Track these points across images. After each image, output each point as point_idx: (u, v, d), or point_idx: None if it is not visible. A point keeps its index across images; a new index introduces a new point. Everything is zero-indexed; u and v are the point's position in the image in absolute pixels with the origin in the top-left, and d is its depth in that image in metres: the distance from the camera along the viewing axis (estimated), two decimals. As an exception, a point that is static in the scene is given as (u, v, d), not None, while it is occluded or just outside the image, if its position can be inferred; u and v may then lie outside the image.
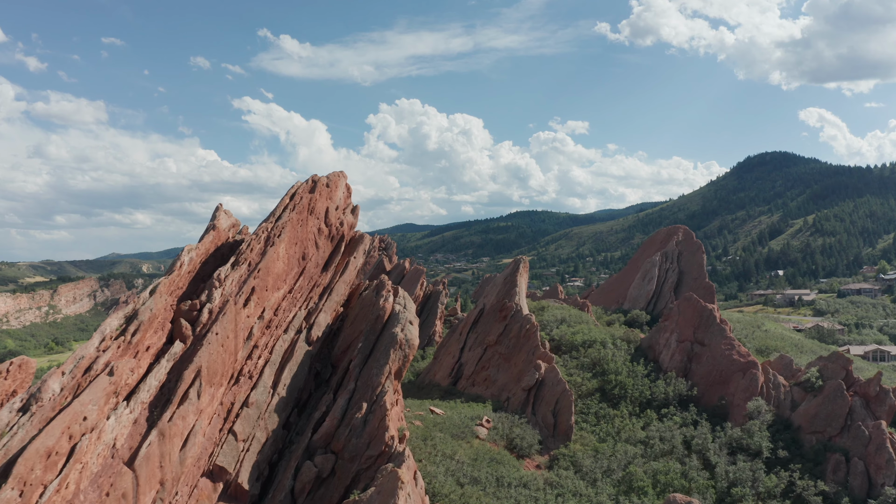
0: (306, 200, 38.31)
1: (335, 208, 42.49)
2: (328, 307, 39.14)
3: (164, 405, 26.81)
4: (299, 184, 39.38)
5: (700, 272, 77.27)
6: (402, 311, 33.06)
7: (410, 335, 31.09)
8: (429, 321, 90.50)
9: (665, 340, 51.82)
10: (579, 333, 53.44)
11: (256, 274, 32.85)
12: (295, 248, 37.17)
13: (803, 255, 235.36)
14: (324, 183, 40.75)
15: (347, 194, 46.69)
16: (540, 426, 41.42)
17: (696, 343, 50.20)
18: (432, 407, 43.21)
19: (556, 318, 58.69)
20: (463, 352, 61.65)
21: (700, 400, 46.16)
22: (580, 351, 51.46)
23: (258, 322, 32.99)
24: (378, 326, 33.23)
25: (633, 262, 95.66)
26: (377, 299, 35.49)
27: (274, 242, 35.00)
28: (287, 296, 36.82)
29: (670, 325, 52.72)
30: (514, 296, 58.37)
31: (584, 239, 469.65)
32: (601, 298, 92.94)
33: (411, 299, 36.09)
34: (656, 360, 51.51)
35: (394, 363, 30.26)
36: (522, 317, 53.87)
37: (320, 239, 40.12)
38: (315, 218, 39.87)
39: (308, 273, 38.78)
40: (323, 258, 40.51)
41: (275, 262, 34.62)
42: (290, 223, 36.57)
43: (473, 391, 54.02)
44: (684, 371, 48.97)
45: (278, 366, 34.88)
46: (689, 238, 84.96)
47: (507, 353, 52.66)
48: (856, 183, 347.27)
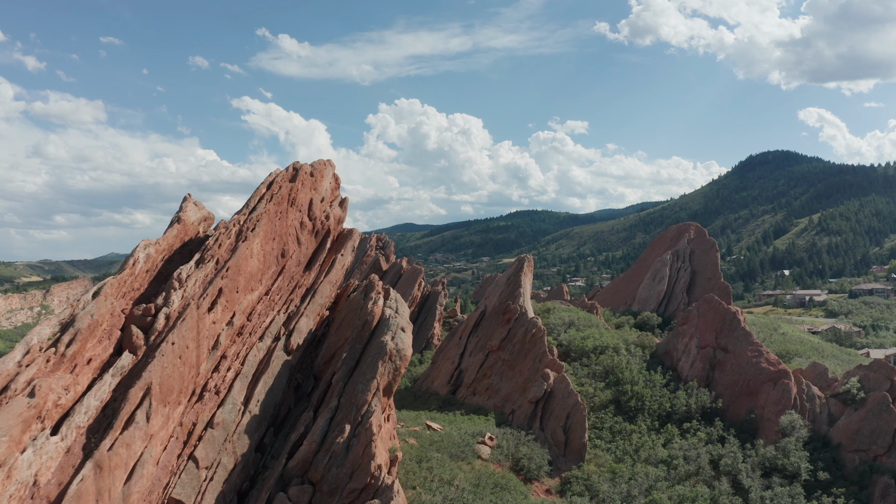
0: (286, 190, 33.89)
1: (320, 200, 38.06)
2: (311, 311, 34.72)
3: (105, 430, 22.42)
4: (278, 171, 34.95)
5: (714, 271, 72.89)
6: (393, 317, 28.65)
7: (402, 344, 26.70)
8: (427, 323, 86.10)
9: (684, 346, 47.38)
10: (590, 338, 49.02)
11: (225, 273, 28.45)
12: (272, 243, 32.76)
13: (809, 254, 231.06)
14: (307, 171, 36.33)
15: (335, 185, 42.26)
16: (549, 444, 36.99)
17: (718, 349, 45.77)
18: (429, 422, 38.78)
19: (563, 322, 54.25)
20: (463, 357, 57.21)
21: (725, 413, 41.73)
22: (591, 358, 47.02)
23: (227, 328, 28.58)
24: (365, 334, 28.81)
25: (641, 262, 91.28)
26: (365, 302, 31.08)
27: (247, 237, 30.60)
28: (263, 298, 32.43)
29: (689, 329, 48.28)
30: (519, 297, 53.94)
31: (585, 238, 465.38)
32: (608, 299, 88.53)
33: (405, 302, 31.76)
34: (674, 367, 47.07)
35: (382, 377, 25.89)
36: (528, 320, 49.44)
37: (303, 234, 35.70)
38: (297, 210, 35.45)
39: (288, 272, 34.38)
40: (306, 256, 36.09)
41: (247, 259, 30.22)
42: (266, 215, 32.17)
43: (474, 401, 49.58)
44: (706, 380, 44.54)
45: (251, 378, 30.49)
46: (702, 235, 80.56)
47: (512, 360, 48.22)
48: (860, 182, 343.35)
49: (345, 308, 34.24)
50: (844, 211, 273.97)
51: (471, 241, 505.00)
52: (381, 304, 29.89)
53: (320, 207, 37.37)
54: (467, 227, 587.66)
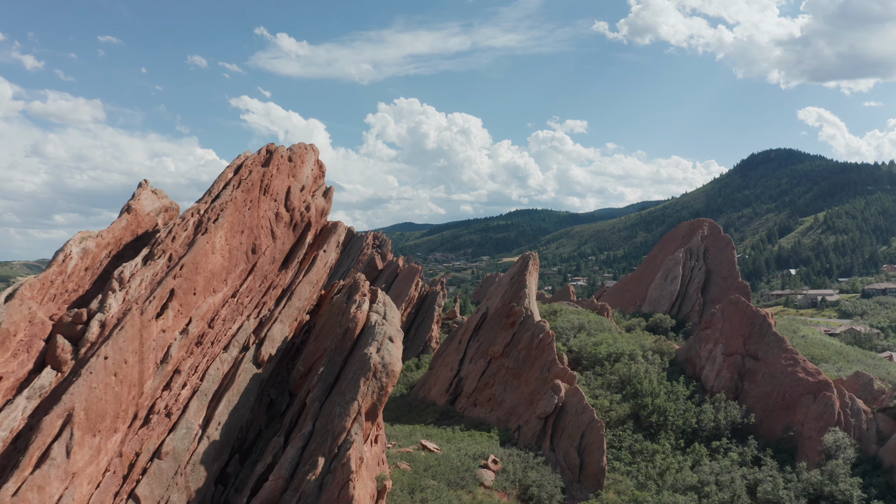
0: (257, 176, 29.18)
1: (300, 189, 33.37)
2: (287, 315, 30.03)
3: (11, 469, 17.70)
4: (247, 154, 30.25)
5: (731, 270, 68.20)
6: (380, 323, 23.99)
7: (389, 358, 22.05)
8: (424, 325, 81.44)
9: (708, 353, 42.70)
10: (603, 344, 44.33)
11: (179, 271, 23.73)
12: (240, 237, 28.06)
13: (815, 253, 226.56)
14: (283, 155, 31.63)
15: (319, 173, 37.57)
16: (561, 467, 32.32)
17: (747, 357, 41.09)
18: (424, 441, 34.11)
19: (572, 325, 49.57)
20: (463, 364, 52.56)
21: (758, 429, 37.07)
22: (605, 366, 42.34)
23: (181, 337, 23.86)
24: (346, 344, 24.14)
25: (650, 260, 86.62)
26: (347, 306, 26.39)
27: (208, 229, 25.87)
28: (229, 301, 27.74)
29: (713, 334, 43.60)
30: (524, 298, 49.27)
31: (586, 238, 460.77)
32: (615, 299, 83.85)
33: (395, 306, 27.14)
34: (697, 377, 42.40)
35: (365, 398, 21.27)
36: (534, 324, 44.77)
37: (278, 227, 31.02)
38: (271, 199, 30.76)
39: (260, 270, 29.70)
40: (282, 252, 31.42)
41: (207, 255, 25.52)
42: (232, 204, 27.46)
43: (475, 413, 44.91)
44: (735, 392, 39.87)
45: (212, 396, 25.80)
46: (716, 232, 75.88)
47: (516, 368, 43.55)
48: (864, 180, 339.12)
49: (327, 312, 29.59)
50: (850, 209, 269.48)
51: (470, 240, 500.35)
52: (365, 309, 25.20)
53: (299, 197, 32.69)
54: (467, 226, 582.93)
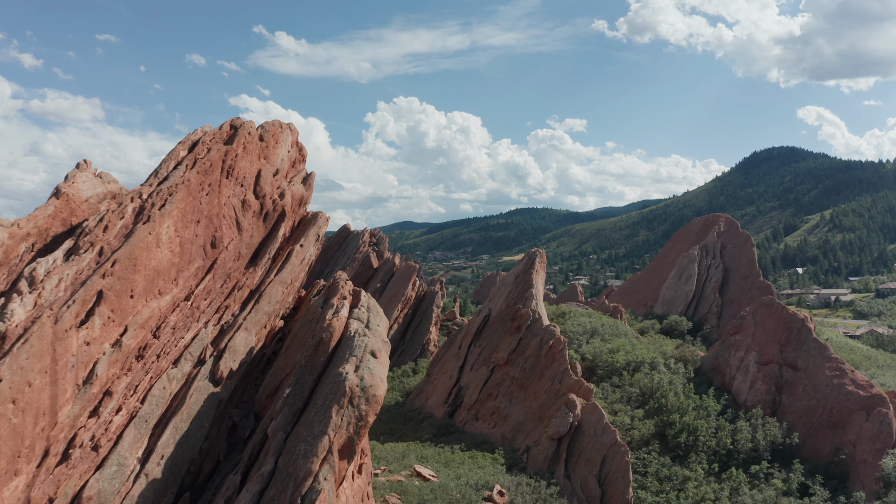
0: (218, 155, 24.38)
1: (273, 173, 28.58)
2: (254, 321, 25.27)
3: None
4: (205, 129, 25.47)
5: (751, 268, 63.45)
6: (361, 334, 19.25)
7: (371, 379, 17.31)
8: (422, 327, 76.67)
9: (738, 362, 37.97)
10: (620, 351, 39.58)
11: (110, 269, 18.92)
12: (196, 228, 23.30)
13: (823, 251, 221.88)
14: (251, 133, 26.84)
15: (299, 157, 32.79)
16: (579, 498, 27.57)
17: (785, 366, 36.36)
18: (419, 467, 29.35)
19: (583, 329, 44.82)
20: (463, 372, 47.83)
21: (803, 451, 32.34)
22: (623, 376, 37.59)
23: (111, 351, 19.05)
24: (318, 359, 19.39)
25: (661, 258, 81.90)
26: (322, 312, 21.63)
27: (151, 217, 21.07)
28: (181, 305, 22.97)
29: (743, 339, 38.86)
30: (530, 299, 44.52)
31: (587, 236, 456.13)
32: (624, 300, 79.09)
33: (382, 311, 22.42)
34: (727, 388, 37.68)
35: (338, 432, 16.56)
36: (543, 328, 40.03)
37: (245, 216, 26.25)
38: (236, 184, 25.98)
39: (222, 268, 24.93)
40: (250, 246, 26.64)
41: (150, 249, 20.74)
42: (185, 188, 22.68)
43: (477, 429, 40.17)
44: (772, 406, 35.14)
45: (156, 423, 21.07)
46: (734, 228, 71.12)
47: (523, 379, 38.81)
48: (870, 177, 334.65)
49: (302, 318, 24.86)
50: (857, 207, 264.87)
51: (470, 238, 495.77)
52: (344, 315, 20.43)
53: (272, 182, 27.90)
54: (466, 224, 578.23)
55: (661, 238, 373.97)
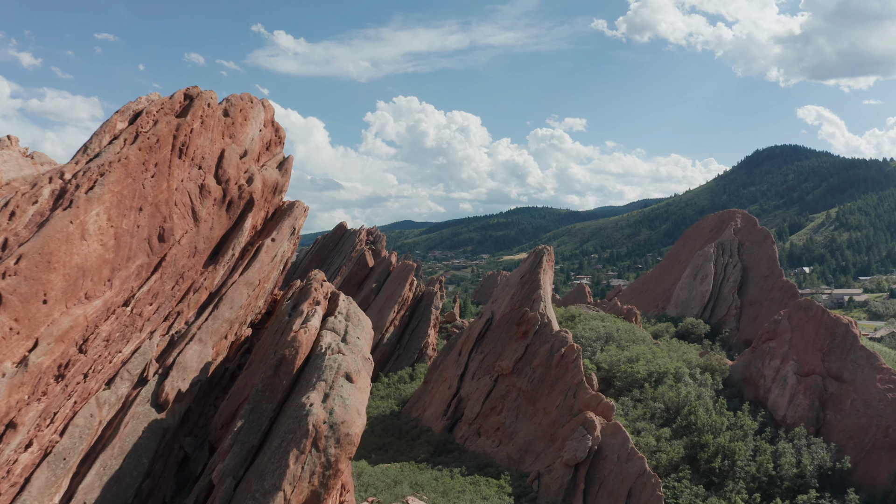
0: (167, 129, 20.07)
1: (240, 155, 24.29)
2: (211, 331, 20.96)
3: None
4: (152, 97, 21.16)
5: (772, 267, 59.19)
6: (334, 350, 15.01)
7: (343, 413, 13.03)
8: (420, 330, 72.38)
9: (774, 372, 33.70)
10: (640, 360, 35.32)
11: (13, 266, 14.65)
12: (137, 217, 19.01)
13: (830, 250, 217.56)
14: (212, 105, 22.54)
15: (275, 139, 28.48)
16: (601, 538, 23.31)
17: (828, 377, 32.10)
18: (412, 499, 25.07)
19: (597, 334, 40.53)
20: (463, 381, 43.58)
21: (854, 476, 28.10)
22: (645, 389, 33.31)
23: (14, 372, 14.82)
24: (280, 382, 15.15)
25: (672, 257, 77.60)
26: (290, 321, 17.38)
27: (74, 202, 16.82)
28: (117, 311, 18.71)
29: (779, 347, 34.60)
30: (538, 302, 40.27)
31: (588, 235, 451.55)
32: (633, 301, 74.77)
33: (365, 319, 18.16)
34: (761, 402, 33.44)
35: (298, 486, 12.28)
36: (553, 334, 35.79)
37: (204, 205, 21.95)
38: (192, 166, 21.67)
39: (173, 266, 20.64)
40: (210, 240, 22.36)
41: (72, 241, 16.48)
42: (121, 168, 18.38)
43: (479, 446, 35.91)
44: (815, 424, 30.89)
45: (80, 460, 16.86)
46: (751, 224, 66.86)
47: (531, 391, 34.56)
48: (875, 176, 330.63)
49: (268, 329, 20.57)
50: (863, 205, 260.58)
51: (470, 237, 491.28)
52: (314, 326, 16.18)
53: (238, 165, 23.61)
54: (466, 223, 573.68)
55: (662, 237, 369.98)
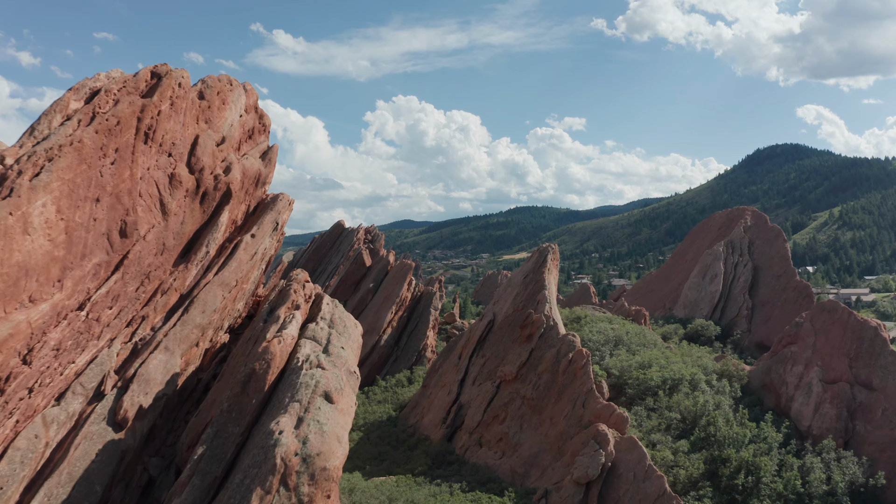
0: (130, 111, 17.74)
1: (217, 142, 21.97)
2: (180, 338, 18.63)
3: None
4: (113, 73, 18.84)
5: (785, 266, 56.90)
6: (312, 363, 12.73)
7: (319, 443, 10.72)
8: (418, 331, 70.11)
9: (796, 379, 31.42)
10: (653, 366, 33.02)
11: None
12: (92, 208, 16.71)
13: (833, 249, 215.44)
14: (185, 86, 20.23)
15: (259, 126, 26.18)
16: (617, 566, 21.03)
17: (857, 385, 29.82)
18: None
19: (605, 338, 38.24)
20: (464, 386, 41.29)
21: (888, 493, 25.83)
22: (659, 398, 31.01)
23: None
24: (249, 402, 12.87)
25: (679, 255, 75.31)
26: (264, 328, 15.11)
27: (15, 190, 14.53)
28: (71, 317, 16.49)
29: (801, 352, 32.32)
30: (543, 303, 37.98)
31: (588, 235, 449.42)
32: (638, 301, 72.47)
33: (354, 324, 15.91)
34: (783, 411, 31.16)
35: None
36: (559, 338, 33.51)
37: (174, 196, 19.63)
38: (160, 152, 19.35)
39: (137, 265, 18.32)
40: (180, 236, 20.05)
41: (10, 237, 14.16)
42: (73, 153, 16.08)
43: (481, 458, 33.62)
44: (844, 435, 28.61)
45: (23, 489, 14.61)
46: (762, 222, 64.56)
47: (537, 400, 32.28)
48: (877, 174, 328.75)
49: (243, 336, 18.28)
50: (866, 204, 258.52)
51: (470, 237, 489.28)
52: (291, 334, 13.91)
53: (214, 153, 21.31)
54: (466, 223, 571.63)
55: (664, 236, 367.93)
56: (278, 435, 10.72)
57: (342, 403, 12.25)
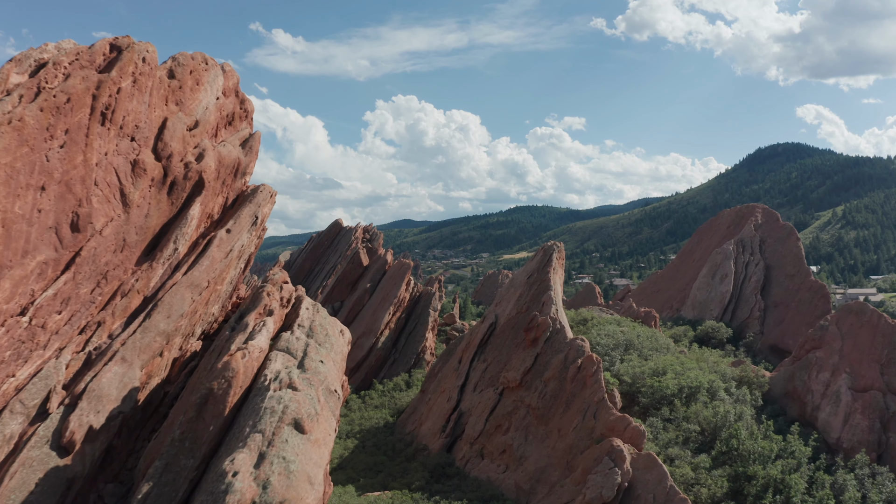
0: (84, 87, 15.41)
1: (189, 126, 19.69)
2: (139, 347, 16.32)
3: None
4: (63, 44, 16.57)
5: (798, 266, 54.66)
6: (283, 384, 10.49)
7: (283, 487, 8.51)
8: (417, 333, 67.85)
9: (823, 386, 29.17)
10: (668, 373, 30.73)
11: None
12: (35, 198, 14.37)
13: (837, 249, 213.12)
14: (151, 62, 17.92)
15: (241, 113, 23.90)
16: None
17: (889, 393, 27.57)
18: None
19: (615, 342, 35.96)
20: (464, 392, 39.03)
21: (931, 515, 23.57)
22: (676, 407, 28.74)
23: None
24: (205, 430, 10.63)
25: (685, 254, 73.04)
26: (229, 339, 12.87)
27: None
28: (10, 322, 14.22)
29: (827, 357, 30.07)
30: (549, 304, 35.71)
31: (588, 234, 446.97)
32: (644, 302, 70.19)
33: (335, 331, 13.67)
34: (808, 421, 28.90)
35: None
36: (567, 343, 31.24)
37: (136, 185, 17.33)
38: (120, 136, 17.04)
39: (91, 264, 16.02)
40: (144, 230, 17.77)
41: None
42: (12, 133, 13.74)
43: (483, 471, 31.36)
44: (877, 447, 26.38)
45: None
46: (773, 220, 62.31)
47: (543, 409, 30.01)
48: (880, 174, 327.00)
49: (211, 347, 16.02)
50: (870, 203, 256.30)
51: (469, 236, 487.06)
52: (258, 346, 11.64)
53: (186, 139, 19.03)
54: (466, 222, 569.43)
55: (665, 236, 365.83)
56: (231, 478, 8.50)
57: (317, 433, 10.02)
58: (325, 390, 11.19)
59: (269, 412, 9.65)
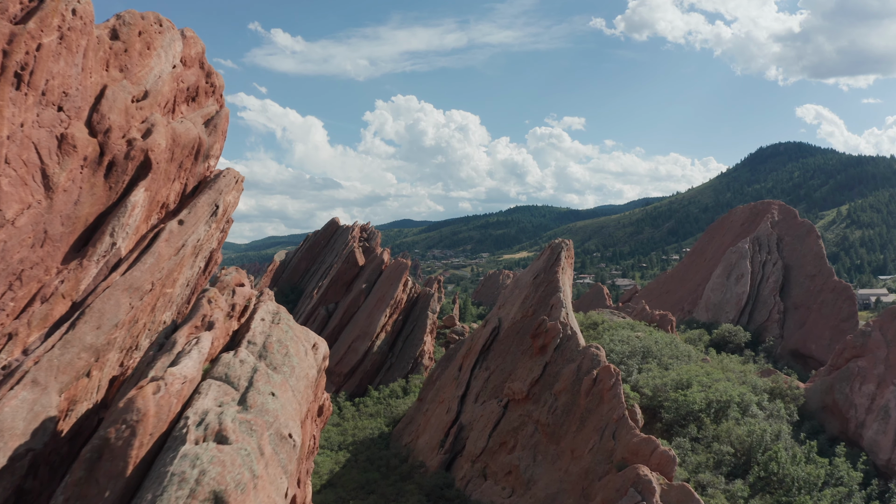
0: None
1: (136, 97, 16.43)
2: (58, 367, 12.90)
3: None
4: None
5: (820, 265, 51.48)
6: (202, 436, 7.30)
7: None
8: (415, 336, 64.68)
9: (868, 400, 25.97)
10: (693, 385, 27.49)
11: None
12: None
13: (843, 248, 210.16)
14: (85, 17, 14.50)
15: (207, 88, 20.45)
16: None
17: (947, 410, 24.30)
18: None
19: (630, 348, 32.72)
20: (465, 403, 35.88)
21: None
22: (705, 425, 25.50)
23: None
24: (99, 497, 7.59)
25: (697, 253, 69.85)
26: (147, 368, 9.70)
27: None
28: None
29: (871, 367, 26.89)
30: (557, 308, 32.49)
31: (589, 234, 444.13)
32: (653, 303, 66.98)
33: (298, 349, 10.60)
34: (851, 439, 25.70)
35: None
36: (580, 351, 28.04)
37: (62, 166, 13.90)
38: (40, 104, 13.59)
39: (0, 261, 12.84)
40: (74, 221, 14.40)
41: None
42: None
43: (486, 495, 28.14)
44: (935, 473, 23.12)
45: None
46: (791, 217, 59.13)
47: (554, 426, 26.79)
48: (883, 172, 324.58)
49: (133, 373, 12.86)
50: (875, 202, 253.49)
51: (469, 236, 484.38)
52: (184, 376, 8.44)
53: (129, 111, 15.75)
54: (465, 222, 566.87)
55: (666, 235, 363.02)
56: None
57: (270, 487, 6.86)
58: (273, 436, 8.01)
59: (177, 482, 6.48)
